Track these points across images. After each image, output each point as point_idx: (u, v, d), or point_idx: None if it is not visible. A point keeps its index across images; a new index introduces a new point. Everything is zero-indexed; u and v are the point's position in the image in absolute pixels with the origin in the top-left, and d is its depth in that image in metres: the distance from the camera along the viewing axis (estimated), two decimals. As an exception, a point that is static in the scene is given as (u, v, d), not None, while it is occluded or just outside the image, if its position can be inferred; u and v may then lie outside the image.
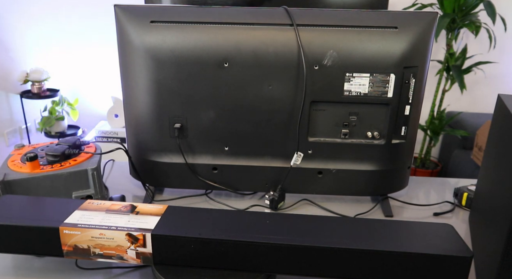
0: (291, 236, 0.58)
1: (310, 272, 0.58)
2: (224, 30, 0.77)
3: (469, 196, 0.90)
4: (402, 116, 0.82)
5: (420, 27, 0.77)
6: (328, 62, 0.78)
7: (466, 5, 2.06)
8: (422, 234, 0.60)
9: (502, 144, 0.65)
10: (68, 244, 0.59)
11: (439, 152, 2.63)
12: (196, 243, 0.58)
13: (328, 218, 0.64)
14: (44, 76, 2.41)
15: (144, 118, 0.84)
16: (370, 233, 0.60)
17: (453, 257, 0.55)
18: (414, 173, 2.38)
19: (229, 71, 0.79)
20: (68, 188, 0.76)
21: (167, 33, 0.78)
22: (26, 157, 0.73)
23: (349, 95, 0.80)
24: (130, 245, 0.59)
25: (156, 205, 0.65)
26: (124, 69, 0.82)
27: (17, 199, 0.67)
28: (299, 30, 0.77)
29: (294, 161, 0.85)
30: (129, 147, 0.89)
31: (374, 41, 0.77)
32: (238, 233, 0.59)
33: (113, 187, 0.97)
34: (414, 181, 1.03)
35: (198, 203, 0.91)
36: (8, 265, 0.68)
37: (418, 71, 0.79)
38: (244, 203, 0.91)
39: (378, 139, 0.84)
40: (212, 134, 0.84)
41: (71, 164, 0.77)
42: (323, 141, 0.84)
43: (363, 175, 0.86)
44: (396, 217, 0.87)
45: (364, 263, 0.57)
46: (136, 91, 0.83)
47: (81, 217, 0.61)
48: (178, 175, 0.88)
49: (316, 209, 0.90)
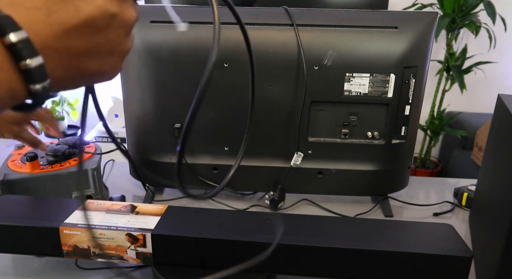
0: (291, 236, 0.58)
1: (310, 272, 0.58)
2: (224, 30, 0.77)
3: (469, 196, 0.90)
4: (402, 116, 0.82)
5: (420, 27, 0.77)
6: (328, 62, 0.78)
7: (466, 5, 2.06)
8: (422, 234, 0.60)
9: (502, 144, 0.65)
10: (68, 244, 0.59)
11: (439, 152, 2.62)
12: (196, 243, 0.58)
13: (328, 218, 0.64)
14: (44, 76, 2.41)
15: (144, 118, 0.84)
16: (370, 233, 0.60)
17: (453, 257, 0.55)
18: (414, 173, 2.37)
19: (229, 71, 0.79)
20: (68, 188, 0.76)
21: (167, 33, 0.78)
22: (26, 157, 0.73)
23: (349, 95, 0.80)
24: (130, 245, 0.59)
25: (156, 205, 0.65)
26: (124, 69, 0.82)
27: (17, 199, 0.67)
28: (299, 30, 0.77)
29: (294, 161, 0.85)
30: (129, 147, 0.89)
31: (374, 41, 0.77)
32: (238, 233, 0.59)
33: (113, 187, 0.96)
34: (414, 181, 1.03)
35: (198, 203, 0.91)
36: (8, 265, 0.68)
37: (418, 71, 0.79)
38: (244, 203, 0.91)
39: (378, 139, 0.84)
40: (212, 134, 0.84)
41: (71, 164, 0.77)
42: (323, 141, 0.84)
43: (363, 175, 0.86)
44: (396, 217, 0.87)
45: (364, 263, 0.57)
46: (136, 91, 0.83)
47: (81, 217, 0.61)
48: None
49: (316, 209, 0.90)
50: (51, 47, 0.28)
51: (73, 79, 0.31)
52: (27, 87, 0.28)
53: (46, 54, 0.28)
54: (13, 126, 0.72)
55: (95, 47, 0.31)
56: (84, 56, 0.31)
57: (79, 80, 0.32)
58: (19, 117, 0.72)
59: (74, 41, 0.29)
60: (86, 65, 0.31)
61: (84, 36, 0.30)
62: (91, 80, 0.33)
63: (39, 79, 0.28)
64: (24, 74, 0.27)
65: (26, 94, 0.28)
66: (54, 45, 0.28)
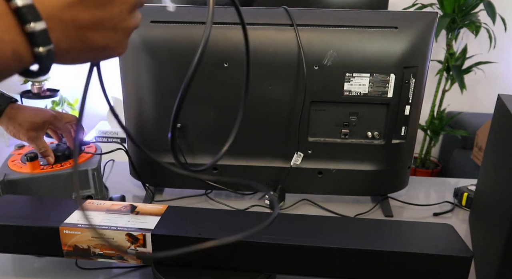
0: (291, 236, 0.58)
1: (310, 272, 0.58)
2: (224, 30, 0.77)
3: (469, 196, 0.90)
4: (402, 116, 0.82)
5: (420, 27, 0.77)
6: (328, 62, 0.78)
7: (466, 5, 2.06)
8: (422, 234, 0.60)
9: (502, 144, 0.65)
10: (68, 244, 0.59)
11: (439, 152, 2.62)
12: (196, 243, 0.58)
13: (328, 218, 0.64)
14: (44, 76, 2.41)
15: (144, 118, 0.84)
16: (370, 233, 0.60)
17: (453, 257, 0.55)
18: (414, 173, 2.37)
19: (229, 71, 0.79)
20: (68, 188, 0.76)
21: (167, 33, 0.78)
22: (26, 157, 0.73)
23: (349, 95, 0.80)
24: (130, 245, 0.59)
25: (156, 205, 0.65)
26: (124, 69, 0.82)
27: (17, 199, 0.67)
28: (299, 30, 0.77)
29: (294, 161, 0.85)
30: (129, 147, 0.89)
31: (374, 41, 0.77)
32: (238, 233, 0.59)
33: (113, 187, 0.96)
34: (414, 181, 1.03)
35: (198, 203, 0.91)
36: (8, 265, 0.69)
37: (418, 71, 0.79)
38: (244, 203, 0.91)
39: (378, 139, 0.84)
40: (212, 134, 0.84)
41: (72, 164, 0.77)
42: (323, 141, 0.84)
43: (363, 175, 0.86)
44: (396, 217, 0.87)
45: (364, 263, 0.57)
46: (136, 91, 0.83)
47: (81, 217, 0.61)
48: (178, 175, 0.88)
49: (316, 209, 0.90)
50: (56, 17, 0.31)
51: (80, 51, 0.34)
52: (32, 50, 0.30)
53: (52, 23, 0.31)
54: (30, 131, 0.74)
55: (99, 20, 0.33)
56: (88, 29, 0.33)
57: (86, 53, 0.35)
58: (37, 123, 0.75)
59: (78, 13, 0.32)
60: (91, 38, 0.34)
61: (88, 9, 0.32)
62: (97, 54, 0.36)
63: (42, 42, 0.30)
64: (29, 37, 0.30)
65: (32, 57, 0.31)
66: (59, 15, 0.31)
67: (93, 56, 0.36)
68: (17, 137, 0.75)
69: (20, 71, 0.32)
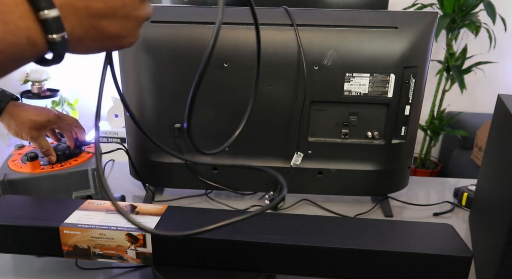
0: (291, 236, 0.58)
1: (310, 272, 0.58)
2: (224, 30, 0.77)
3: (469, 196, 0.90)
4: (402, 116, 0.82)
5: (420, 27, 0.77)
6: (328, 62, 0.78)
7: (466, 5, 2.06)
8: (422, 234, 0.60)
9: (502, 144, 0.65)
10: (68, 244, 0.59)
11: (439, 152, 2.62)
12: (196, 243, 0.58)
13: (328, 218, 0.64)
14: (44, 76, 2.41)
15: (144, 118, 0.84)
16: (370, 233, 0.60)
17: (453, 257, 0.55)
18: (414, 173, 2.37)
19: (229, 71, 0.79)
20: (68, 188, 0.76)
21: (167, 33, 0.78)
22: (27, 157, 0.73)
23: (349, 95, 0.80)
24: (130, 245, 0.59)
25: (156, 205, 0.65)
26: (124, 69, 0.82)
27: (17, 199, 0.67)
28: (299, 30, 0.77)
29: (294, 161, 0.85)
30: (129, 147, 0.89)
31: (374, 41, 0.77)
32: (238, 233, 0.59)
33: (113, 187, 0.96)
34: (414, 181, 1.03)
35: (198, 203, 0.91)
36: (8, 265, 0.69)
37: (418, 71, 0.79)
38: (244, 203, 0.91)
39: (378, 139, 0.84)
40: (212, 134, 0.84)
41: (72, 164, 0.77)
42: (323, 141, 0.84)
43: (363, 175, 0.86)
44: (396, 217, 0.87)
45: (364, 263, 0.57)
46: (136, 91, 0.83)
47: (81, 217, 0.61)
48: (178, 175, 0.88)
49: (316, 209, 0.90)
50: (69, 5, 0.32)
51: (93, 39, 0.35)
52: (46, 37, 0.31)
53: (65, 11, 0.32)
54: (32, 130, 0.74)
55: (111, 9, 0.34)
56: (101, 17, 0.34)
57: (99, 42, 0.36)
58: (40, 122, 0.74)
59: (91, 1, 0.33)
60: (104, 25, 0.35)
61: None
62: (110, 43, 0.37)
63: (55, 29, 0.31)
64: (43, 24, 0.31)
65: (46, 44, 0.32)
66: (73, 3, 0.32)
67: (105, 45, 0.37)
68: (19, 135, 0.74)
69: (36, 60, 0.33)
